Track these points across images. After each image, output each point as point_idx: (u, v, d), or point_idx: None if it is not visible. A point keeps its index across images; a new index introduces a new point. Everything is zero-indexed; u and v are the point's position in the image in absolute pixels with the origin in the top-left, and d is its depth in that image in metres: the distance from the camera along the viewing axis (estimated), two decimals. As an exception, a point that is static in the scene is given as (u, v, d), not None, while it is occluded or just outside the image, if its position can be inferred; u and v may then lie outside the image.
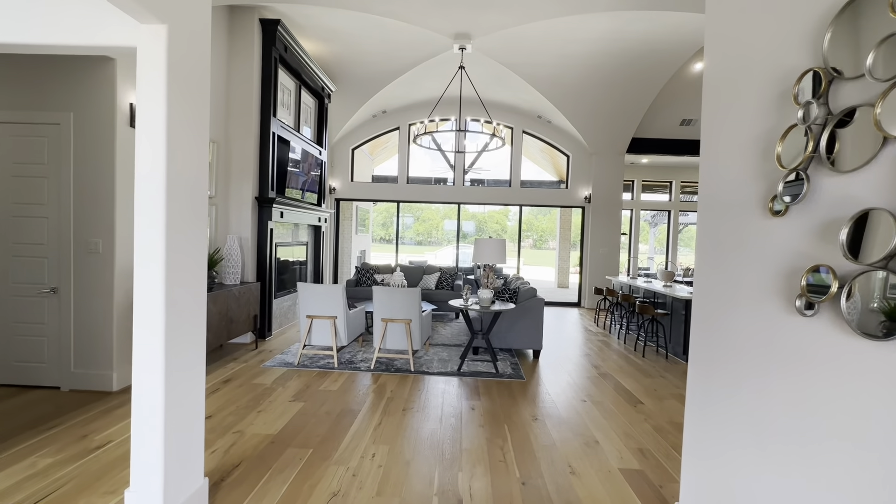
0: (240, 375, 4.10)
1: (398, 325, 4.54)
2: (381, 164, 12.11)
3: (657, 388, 4.18)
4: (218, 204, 5.05)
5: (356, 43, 6.49)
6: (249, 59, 5.19)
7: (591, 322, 7.65)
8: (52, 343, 3.55)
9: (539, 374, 4.54)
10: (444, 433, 3.05)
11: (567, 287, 13.97)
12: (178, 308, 1.89)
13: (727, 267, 1.71)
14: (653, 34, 6.08)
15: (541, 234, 28.27)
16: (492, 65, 7.14)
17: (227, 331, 4.50)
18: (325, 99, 7.50)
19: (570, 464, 2.69)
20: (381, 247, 17.79)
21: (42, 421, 2.98)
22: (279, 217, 5.71)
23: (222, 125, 5.11)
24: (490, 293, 4.51)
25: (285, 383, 3.94)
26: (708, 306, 1.83)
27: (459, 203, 9.57)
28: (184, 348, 1.94)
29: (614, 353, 5.51)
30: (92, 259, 3.50)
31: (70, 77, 3.47)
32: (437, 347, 5.35)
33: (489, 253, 4.60)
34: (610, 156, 9.00)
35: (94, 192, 3.49)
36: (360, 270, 7.69)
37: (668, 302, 5.61)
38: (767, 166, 1.52)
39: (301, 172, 6.52)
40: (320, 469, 2.52)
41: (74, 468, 2.42)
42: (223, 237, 5.08)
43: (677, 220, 10.91)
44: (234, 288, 4.65)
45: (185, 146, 1.88)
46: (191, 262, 1.96)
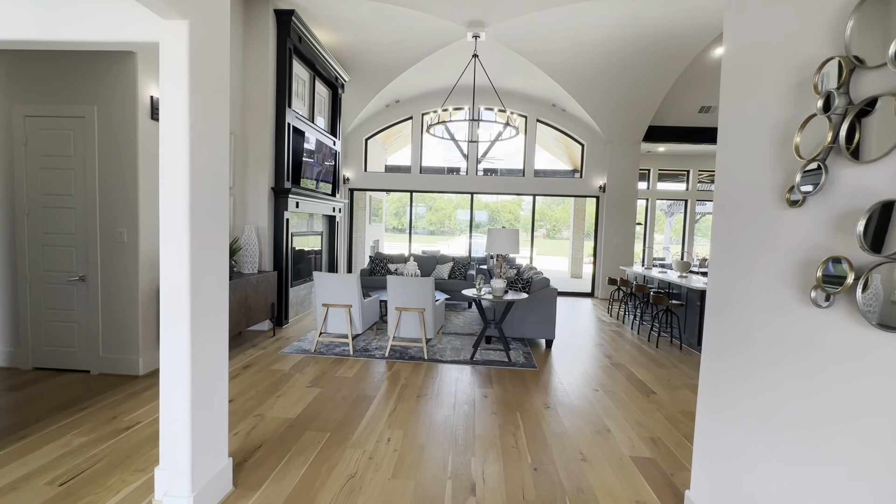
0: (259, 362, 4.23)
1: (412, 314, 4.60)
2: (394, 153, 12.13)
3: (670, 379, 4.18)
4: (236, 195, 5.15)
5: (369, 32, 6.48)
6: (265, 50, 5.24)
7: (605, 312, 7.63)
8: (81, 329, 3.70)
9: (551, 363, 4.57)
10: (457, 420, 3.11)
11: (580, 277, 13.90)
12: (203, 295, 1.96)
13: (742, 257, 1.71)
14: (670, 19, 5.94)
15: (554, 224, 28.05)
16: (505, 53, 7.07)
17: (246, 318, 4.62)
18: (339, 89, 7.52)
19: (582, 451, 2.73)
20: (395, 236, 17.90)
21: (74, 402, 3.13)
22: (294, 207, 5.79)
23: (239, 117, 5.18)
24: (503, 283, 4.54)
25: (303, 370, 4.05)
26: (722, 296, 1.84)
27: (472, 193, 9.56)
28: (208, 334, 2.02)
29: (627, 343, 5.51)
30: (117, 248, 3.62)
31: (93, 71, 3.56)
32: (450, 336, 5.42)
33: (502, 243, 4.62)
34: (626, 144, 8.87)
35: (118, 183, 3.60)
36: (373, 260, 7.77)
37: (683, 292, 5.57)
38: (785, 156, 1.50)
39: (315, 163, 6.58)
40: (338, 452, 2.61)
41: (106, 447, 2.54)
42: (241, 227, 5.19)
43: (694, 209, 10.73)
44: (251, 277, 4.76)
45: (207, 138, 1.94)
46: (213, 251, 2.03)
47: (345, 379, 3.84)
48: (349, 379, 3.85)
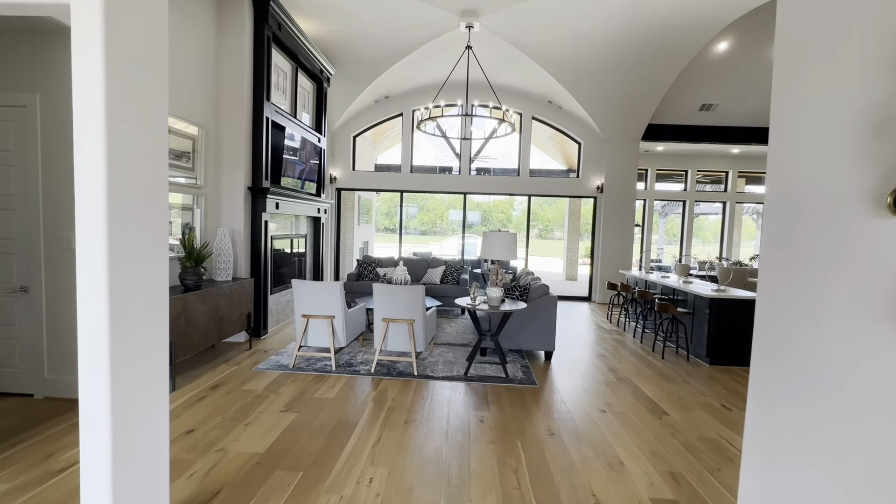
0: (230, 380, 3.81)
1: (400, 325, 4.22)
2: (384, 152, 11.72)
3: (682, 396, 3.84)
4: (207, 195, 4.72)
5: (356, 22, 6.08)
6: (240, 37, 4.81)
7: (604, 318, 7.31)
8: (23, 347, 3.26)
9: (552, 378, 4.22)
10: (450, 452, 2.74)
11: (576, 279, 13.62)
12: (129, 316, 1.56)
13: (808, 274, 1.36)
14: (674, 10, 5.62)
15: (546, 224, 27.82)
16: (500, 45, 6.71)
17: (218, 331, 4.20)
18: (325, 83, 7.10)
19: (594, 492, 2.37)
20: (386, 237, 17.46)
21: (7, 435, 2.70)
22: (274, 208, 5.37)
23: (211, 109, 4.75)
24: (499, 292, 4.18)
25: (278, 389, 3.65)
26: (776, 319, 1.48)
27: (465, 193, 9.19)
28: (138, 362, 1.62)
29: (631, 353, 5.18)
30: (64, 255, 3.19)
31: (35, 54, 3.13)
32: (443, 347, 5.04)
33: (498, 247, 4.25)
34: (624, 143, 8.56)
35: (65, 181, 3.16)
36: (361, 264, 7.37)
37: (690, 299, 5.25)
38: (882, 148, 1.15)
39: (298, 161, 6.17)
40: (310, 498, 2.22)
41: (30, 498, 2.12)
42: (213, 230, 4.75)
43: (693, 210, 10.47)
44: (224, 285, 4.34)
45: (134, 128, 1.54)
46: (146, 263, 1.63)
47: (325, 400, 3.45)
48: (330, 400, 3.45)
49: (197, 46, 4.47)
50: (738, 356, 4.76)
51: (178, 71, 4.18)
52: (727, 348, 4.76)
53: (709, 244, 13.77)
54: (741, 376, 4.44)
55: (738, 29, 6.55)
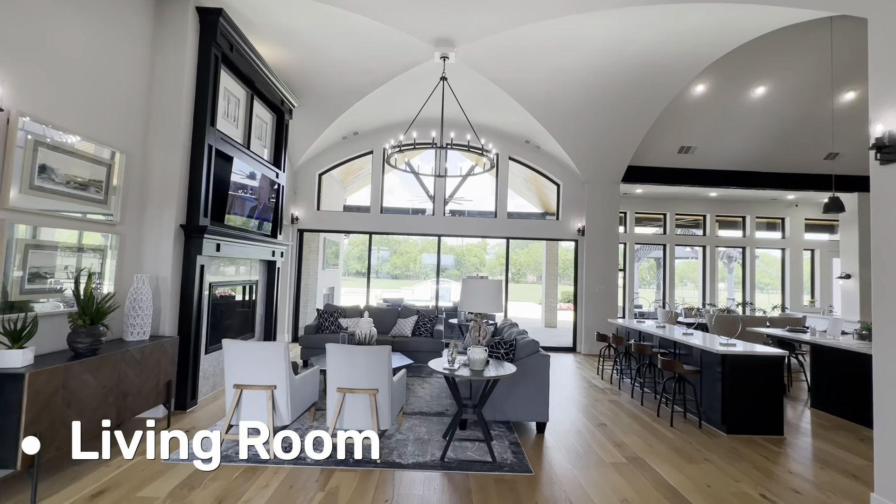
0: (123, 482, 2.81)
1: (360, 396, 3.36)
2: (354, 193, 11.11)
3: (710, 483, 3.09)
4: (125, 233, 3.85)
5: (321, 49, 5.58)
6: (180, 52, 4.16)
7: (594, 374, 6.58)
8: None
9: (549, 460, 3.40)
10: None
11: (555, 326, 12.98)
12: None
13: None
14: (657, 45, 5.40)
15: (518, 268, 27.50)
16: (476, 80, 6.35)
17: (118, 408, 3.21)
18: (286, 115, 6.50)
19: None
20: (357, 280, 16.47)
21: None
22: (215, 251, 4.52)
23: (138, 131, 3.99)
24: (483, 353, 3.42)
25: (189, 494, 2.68)
26: None
27: (440, 235, 8.56)
28: None
29: (634, 420, 4.43)
30: None
31: None
32: (413, 419, 4.16)
33: (481, 298, 3.53)
34: (605, 184, 8.25)
35: None
36: (322, 314, 6.46)
37: (696, 355, 4.62)
38: None
39: (250, 197, 5.40)
40: None
41: None
42: (128, 278, 3.83)
43: (673, 254, 10.18)
44: (135, 347, 3.40)
45: None
46: None
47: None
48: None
49: (123, 55, 3.77)
50: (758, 423, 4.09)
51: (91, 80, 3.44)
52: (746, 414, 4.10)
53: (686, 287, 13.55)
54: (769, 450, 3.75)
55: (716, 72, 6.46)
